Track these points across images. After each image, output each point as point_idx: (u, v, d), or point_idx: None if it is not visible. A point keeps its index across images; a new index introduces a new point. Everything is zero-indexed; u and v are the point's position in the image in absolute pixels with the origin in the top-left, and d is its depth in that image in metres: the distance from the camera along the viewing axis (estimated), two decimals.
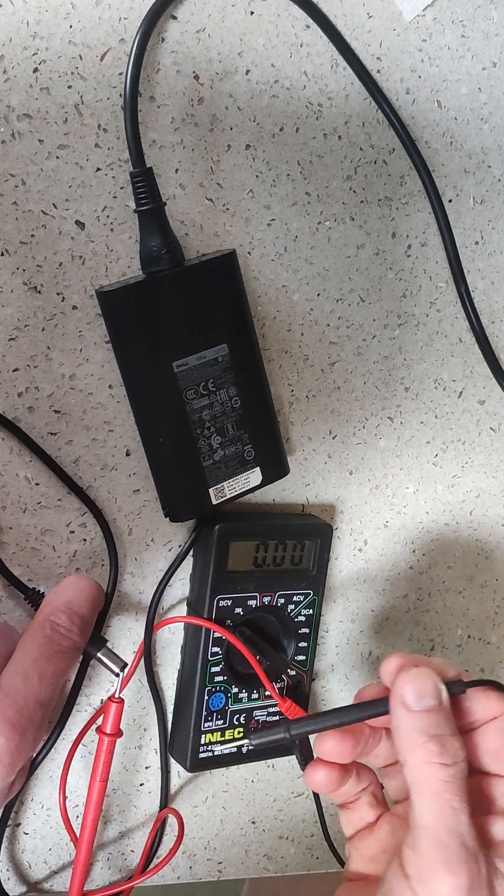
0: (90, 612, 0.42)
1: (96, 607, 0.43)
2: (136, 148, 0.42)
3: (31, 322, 0.43)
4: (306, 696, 0.52)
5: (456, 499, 0.57)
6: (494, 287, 0.54)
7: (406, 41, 0.49)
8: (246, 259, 0.47)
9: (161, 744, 0.50)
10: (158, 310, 0.43)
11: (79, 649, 0.41)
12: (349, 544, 0.54)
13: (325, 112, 0.48)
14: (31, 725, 0.38)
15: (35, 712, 0.38)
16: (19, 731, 0.38)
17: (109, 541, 0.46)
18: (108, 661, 0.44)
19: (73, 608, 0.41)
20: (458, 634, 0.59)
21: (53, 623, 0.40)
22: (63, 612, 0.41)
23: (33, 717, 0.38)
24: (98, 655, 0.44)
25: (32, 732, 0.38)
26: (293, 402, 0.51)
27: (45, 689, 0.39)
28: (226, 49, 0.45)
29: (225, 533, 0.47)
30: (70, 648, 0.40)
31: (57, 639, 0.40)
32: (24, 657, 0.39)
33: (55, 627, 0.40)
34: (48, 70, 0.42)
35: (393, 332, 0.53)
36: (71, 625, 0.41)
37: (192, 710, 0.48)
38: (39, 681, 0.39)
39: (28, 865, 0.49)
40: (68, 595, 0.42)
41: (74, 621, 0.41)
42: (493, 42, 0.51)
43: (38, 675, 0.39)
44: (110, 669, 0.44)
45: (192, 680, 0.48)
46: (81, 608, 0.42)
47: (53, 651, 0.40)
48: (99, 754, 0.45)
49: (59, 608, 0.41)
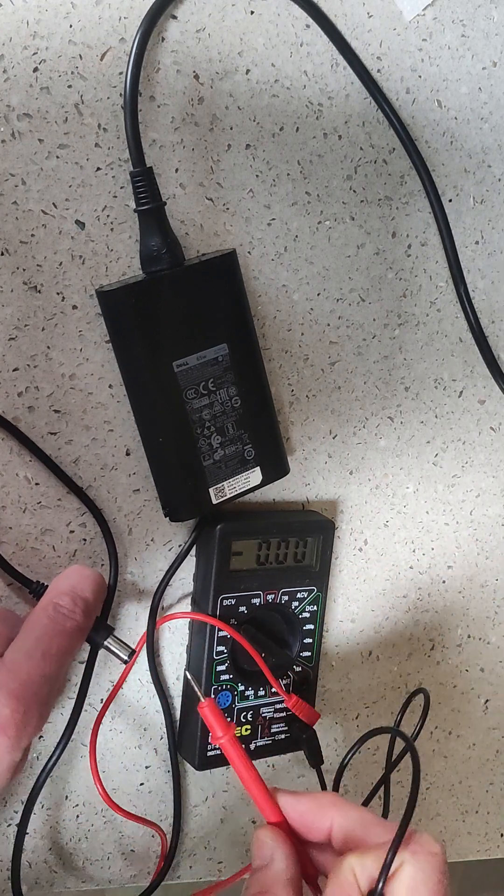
0: (93, 596, 0.42)
1: (100, 593, 0.43)
2: (137, 147, 0.42)
3: (32, 322, 0.43)
4: (313, 691, 0.52)
5: (456, 498, 0.57)
6: (494, 287, 0.54)
7: (406, 41, 0.49)
8: (246, 259, 0.47)
9: (170, 743, 0.50)
10: (158, 309, 0.43)
11: (83, 630, 0.41)
12: (349, 544, 0.54)
13: (326, 112, 0.48)
14: (35, 700, 0.38)
15: (40, 687, 0.38)
16: (24, 703, 0.37)
17: (109, 540, 0.46)
18: (116, 648, 0.44)
19: (76, 591, 0.41)
20: (458, 634, 0.59)
21: (56, 605, 0.41)
22: (66, 594, 0.41)
23: (38, 692, 0.38)
24: (105, 643, 0.44)
25: (37, 707, 0.38)
26: (293, 401, 0.51)
27: (50, 666, 0.39)
28: (226, 48, 0.45)
29: (227, 532, 0.47)
30: (74, 629, 0.40)
31: (60, 619, 0.40)
32: (28, 637, 0.39)
33: (58, 609, 0.40)
34: (48, 69, 0.42)
35: (393, 331, 0.53)
36: (74, 606, 0.41)
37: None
38: (43, 657, 0.39)
39: (29, 865, 0.49)
40: (71, 581, 0.42)
41: (77, 603, 0.41)
42: (494, 41, 0.51)
43: (41, 651, 0.39)
44: (118, 656, 0.44)
45: (197, 678, 0.48)
46: (84, 592, 0.42)
47: (57, 630, 0.40)
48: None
49: (62, 591, 0.41)
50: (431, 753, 0.60)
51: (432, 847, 0.34)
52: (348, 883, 0.34)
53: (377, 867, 0.33)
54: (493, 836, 0.64)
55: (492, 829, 0.63)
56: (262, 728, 0.50)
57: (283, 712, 0.51)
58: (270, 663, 0.49)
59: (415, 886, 0.33)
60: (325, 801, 0.38)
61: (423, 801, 0.60)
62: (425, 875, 0.33)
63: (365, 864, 0.34)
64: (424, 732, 0.59)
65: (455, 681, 0.60)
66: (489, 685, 0.61)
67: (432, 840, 0.34)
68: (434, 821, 0.61)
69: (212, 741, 0.40)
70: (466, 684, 0.60)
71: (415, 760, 0.37)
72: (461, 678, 0.60)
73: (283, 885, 0.36)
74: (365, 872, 0.34)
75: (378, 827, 0.37)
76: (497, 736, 0.62)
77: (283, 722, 0.51)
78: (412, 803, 0.35)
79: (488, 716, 0.61)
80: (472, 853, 0.63)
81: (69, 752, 0.48)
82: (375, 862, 0.34)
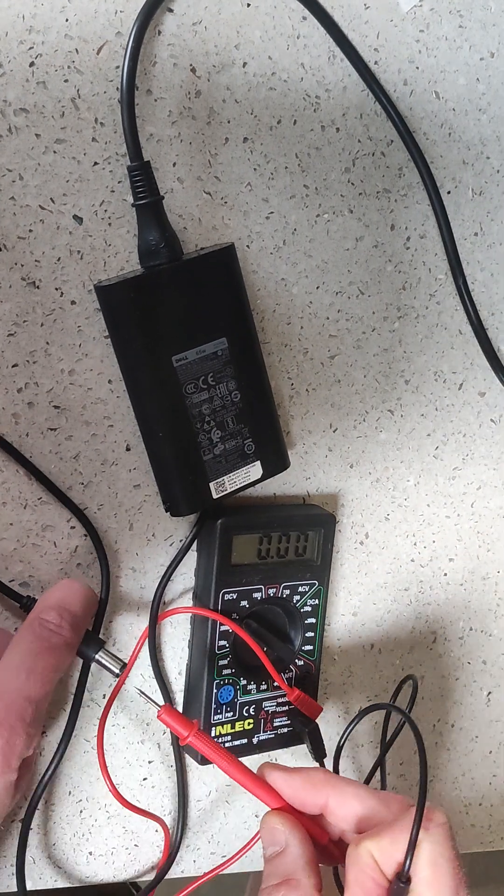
0: (82, 610, 0.42)
1: (88, 607, 0.43)
2: (134, 142, 0.42)
3: (30, 317, 0.43)
4: (315, 685, 0.52)
5: (457, 491, 0.57)
6: (494, 279, 0.54)
7: (403, 32, 0.48)
8: (245, 252, 0.47)
9: (173, 738, 0.50)
10: (157, 304, 0.43)
11: (71, 646, 0.41)
12: (350, 538, 0.54)
13: (323, 104, 0.48)
14: (20, 721, 0.38)
15: (24, 709, 0.38)
16: (7, 726, 0.37)
17: (101, 552, 0.46)
18: (107, 662, 0.43)
19: (63, 606, 0.41)
20: (460, 627, 0.59)
21: (43, 620, 0.40)
22: (53, 609, 0.41)
23: (22, 714, 0.38)
24: (96, 657, 0.43)
25: (23, 729, 0.38)
26: (293, 395, 0.51)
27: (35, 686, 0.39)
28: (222, 41, 0.45)
29: (228, 527, 0.47)
30: (61, 644, 0.40)
31: (46, 635, 0.40)
32: (13, 655, 0.39)
33: (44, 624, 0.40)
34: (44, 64, 0.41)
35: (392, 324, 0.52)
36: (61, 621, 0.40)
37: (201, 703, 0.48)
38: (28, 677, 0.39)
39: (32, 861, 0.49)
40: (58, 595, 0.42)
41: (65, 617, 0.41)
42: (491, 32, 0.50)
43: (26, 671, 0.39)
44: (109, 670, 0.44)
45: (200, 673, 0.49)
46: (72, 606, 0.41)
47: (43, 648, 0.40)
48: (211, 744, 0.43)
49: (48, 606, 0.41)
50: (434, 746, 0.60)
51: (440, 818, 0.35)
52: (370, 867, 0.35)
53: (395, 848, 0.35)
54: (496, 829, 0.64)
55: (495, 822, 0.64)
56: (264, 722, 0.50)
57: (286, 706, 0.51)
58: (272, 657, 0.49)
59: (435, 860, 0.34)
60: (318, 778, 0.39)
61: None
62: (442, 847, 0.35)
63: (382, 846, 0.35)
64: (427, 725, 0.59)
65: (457, 673, 0.60)
66: (491, 677, 0.61)
67: (438, 811, 0.36)
68: None
69: (180, 743, 0.41)
70: (469, 677, 0.60)
71: (415, 732, 0.38)
72: (463, 671, 0.60)
73: (302, 868, 0.37)
74: (384, 855, 0.35)
75: (372, 800, 0.38)
76: (500, 728, 0.62)
77: (286, 716, 0.51)
78: (424, 781, 0.36)
79: (491, 708, 0.61)
80: (476, 845, 0.64)
81: (72, 747, 0.48)
82: (392, 844, 0.35)
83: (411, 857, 0.34)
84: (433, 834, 0.35)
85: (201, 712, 0.48)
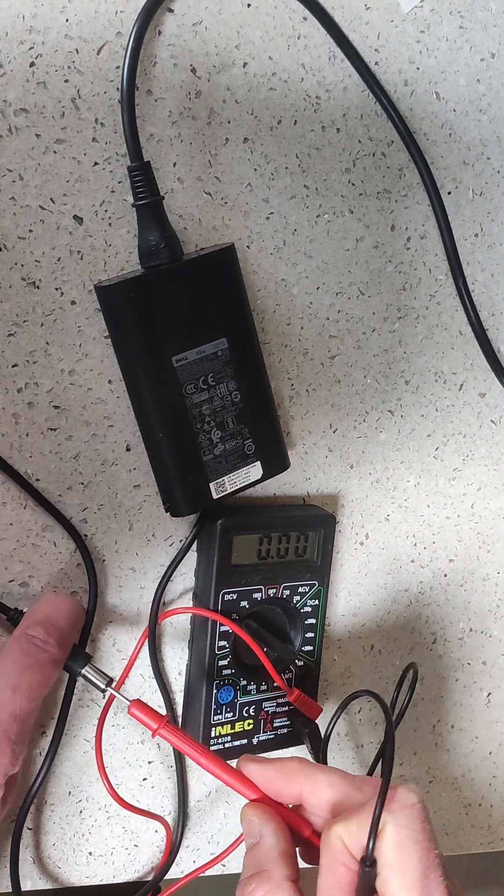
0: (68, 625, 0.42)
1: (75, 621, 0.43)
2: (134, 142, 0.42)
3: (30, 317, 0.43)
4: (315, 686, 0.52)
5: (457, 492, 0.57)
6: (494, 279, 0.54)
7: (404, 32, 0.48)
8: (245, 253, 0.47)
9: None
10: (157, 304, 0.43)
11: (57, 661, 0.41)
12: (350, 538, 0.54)
13: (323, 104, 0.48)
14: (5, 739, 0.38)
15: (9, 726, 0.38)
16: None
17: (89, 566, 0.46)
18: (93, 678, 0.43)
19: (49, 621, 0.41)
20: (460, 627, 0.59)
21: (29, 636, 0.40)
22: (39, 624, 0.41)
23: (7, 731, 0.38)
24: (83, 672, 0.43)
25: (8, 746, 0.38)
26: (293, 396, 0.51)
27: (20, 703, 0.39)
28: (223, 42, 0.45)
29: (228, 527, 0.47)
30: (47, 661, 0.40)
31: (33, 651, 0.40)
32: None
33: (30, 640, 0.40)
34: (45, 64, 0.41)
35: (393, 325, 0.52)
36: (47, 636, 0.40)
37: (201, 703, 0.48)
38: (14, 694, 0.38)
39: (32, 861, 0.49)
40: (45, 610, 0.42)
41: (51, 633, 0.40)
42: (492, 33, 0.50)
43: (11, 688, 0.39)
44: (95, 686, 0.43)
45: (200, 674, 0.48)
46: (59, 621, 0.41)
47: (29, 664, 0.39)
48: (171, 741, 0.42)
49: (35, 622, 0.41)
50: (434, 747, 0.60)
51: (409, 799, 0.34)
52: (340, 852, 0.34)
53: (362, 832, 0.34)
54: (496, 829, 0.64)
55: (495, 822, 0.63)
56: (264, 722, 0.50)
57: (286, 707, 0.51)
58: (272, 658, 0.49)
59: (400, 842, 0.33)
60: (292, 768, 0.38)
61: (425, 795, 0.60)
62: (409, 829, 0.33)
63: (350, 830, 0.34)
64: (427, 726, 0.59)
65: (457, 674, 0.60)
66: (491, 678, 0.61)
67: (408, 792, 0.34)
68: (437, 814, 0.61)
69: (151, 736, 0.40)
70: (469, 678, 0.60)
71: (387, 716, 0.37)
72: (463, 672, 0.60)
73: (275, 859, 0.36)
74: (352, 838, 0.34)
75: (347, 785, 0.37)
76: (500, 729, 0.62)
77: (286, 716, 0.51)
78: (389, 764, 0.35)
79: (490, 709, 0.61)
80: (476, 846, 0.64)
81: (72, 748, 0.48)
82: (360, 827, 0.34)
83: (373, 840, 0.33)
84: (399, 815, 0.34)
85: (201, 712, 0.48)
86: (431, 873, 0.33)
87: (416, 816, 0.34)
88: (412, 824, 0.34)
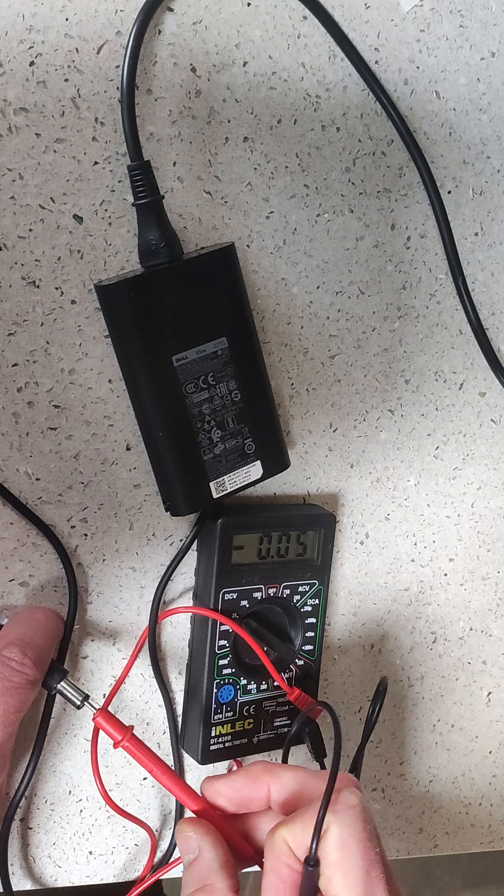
0: (45, 642, 0.41)
1: (52, 637, 0.42)
2: (134, 141, 0.42)
3: (30, 317, 0.43)
4: (315, 685, 0.52)
5: (457, 491, 0.57)
6: (494, 278, 0.54)
7: (404, 31, 0.48)
8: (245, 252, 0.47)
9: (172, 738, 0.50)
10: (157, 304, 0.43)
11: (34, 682, 0.40)
12: (351, 537, 0.54)
13: (323, 104, 0.47)
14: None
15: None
16: None
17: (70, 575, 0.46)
18: (69, 693, 0.42)
19: (25, 640, 0.40)
20: (461, 627, 0.59)
21: (5, 658, 0.40)
22: (15, 645, 0.40)
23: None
24: (58, 687, 0.42)
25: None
26: (293, 395, 0.51)
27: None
28: (223, 41, 0.44)
29: (228, 526, 0.47)
30: (24, 683, 0.40)
31: (8, 674, 0.39)
32: None
33: (6, 662, 0.39)
34: (44, 63, 0.41)
35: (393, 324, 0.52)
36: (23, 657, 0.40)
37: (201, 703, 0.48)
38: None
39: (33, 860, 0.49)
40: (21, 628, 0.41)
41: (27, 654, 0.40)
42: (492, 31, 0.50)
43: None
44: (71, 702, 0.42)
45: (200, 673, 0.48)
46: (35, 639, 0.41)
47: (5, 688, 0.39)
48: (133, 754, 0.42)
49: (11, 642, 0.40)
50: (434, 746, 0.60)
51: (350, 801, 0.35)
52: (284, 854, 0.35)
53: (306, 834, 0.35)
54: (496, 829, 0.64)
55: (495, 822, 0.64)
56: (264, 722, 0.50)
57: (286, 706, 0.51)
58: (272, 657, 0.49)
59: (343, 842, 0.34)
60: (256, 770, 0.39)
61: (426, 795, 0.60)
62: (350, 829, 0.34)
63: (294, 832, 0.35)
64: (427, 725, 0.59)
65: (457, 674, 0.60)
66: (491, 678, 0.61)
67: (349, 794, 0.35)
68: (437, 813, 0.61)
69: (114, 747, 0.41)
70: (469, 677, 0.60)
71: (335, 724, 0.38)
72: (463, 671, 0.60)
73: (216, 872, 0.37)
74: (296, 840, 0.35)
75: (312, 780, 0.38)
76: (500, 728, 0.62)
77: (286, 715, 0.51)
78: (335, 767, 0.36)
79: (491, 708, 0.61)
80: (476, 845, 0.64)
81: (72, 747, 0.48)
82: (304, 829, 0.35)
83: (317, 841, 0.34)
84: (342, 816, 0.34)
85: (201, 712, 0.48)
86: (373, 871, 0.34)
87: (359, 817, 0.35)
88: (355, 824, 0.35)
